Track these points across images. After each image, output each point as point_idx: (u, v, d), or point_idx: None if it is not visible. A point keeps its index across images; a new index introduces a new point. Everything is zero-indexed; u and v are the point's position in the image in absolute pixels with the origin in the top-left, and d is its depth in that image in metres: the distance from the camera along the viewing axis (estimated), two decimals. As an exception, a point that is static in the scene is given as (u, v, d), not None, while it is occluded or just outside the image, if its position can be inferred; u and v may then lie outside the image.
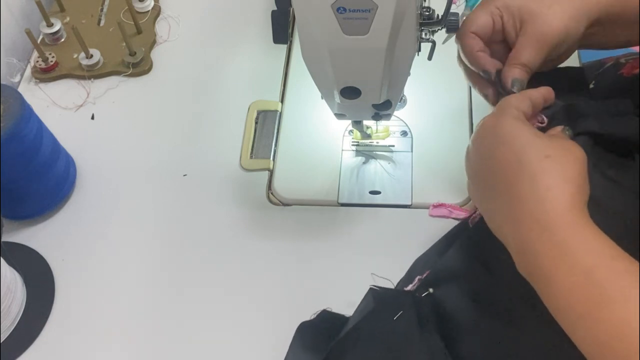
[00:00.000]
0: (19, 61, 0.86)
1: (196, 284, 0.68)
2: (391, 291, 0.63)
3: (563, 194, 0.44)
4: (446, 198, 0.70)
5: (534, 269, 0.45)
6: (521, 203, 0.46)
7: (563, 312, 0.43)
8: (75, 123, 0.81)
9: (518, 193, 0.46)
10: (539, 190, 0.45)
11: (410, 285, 0.64)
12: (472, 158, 0.53)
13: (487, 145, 0.50)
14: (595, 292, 0.41)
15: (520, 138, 0.48)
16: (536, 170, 0.46)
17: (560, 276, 0.42)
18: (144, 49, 0.85)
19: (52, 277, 0.69)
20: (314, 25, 0.49)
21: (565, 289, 0.42)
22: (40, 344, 0.66)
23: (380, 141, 0.75)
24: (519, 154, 0.47)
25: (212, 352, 0.64)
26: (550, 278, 0.43)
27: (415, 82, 0.71)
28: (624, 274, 0.41)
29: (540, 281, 0.44)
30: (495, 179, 0.49)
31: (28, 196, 0.71)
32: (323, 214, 0.72)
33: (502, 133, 0.49)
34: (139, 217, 0.73)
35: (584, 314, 0.41)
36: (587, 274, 0.41)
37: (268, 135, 0.78)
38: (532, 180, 0.45)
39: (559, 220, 0.44)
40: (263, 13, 0.88)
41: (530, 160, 0.46)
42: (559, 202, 0.44)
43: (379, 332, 0.57)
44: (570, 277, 0.42)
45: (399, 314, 0.57)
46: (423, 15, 0.55)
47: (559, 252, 0.43)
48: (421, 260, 0.66)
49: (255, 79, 0.83)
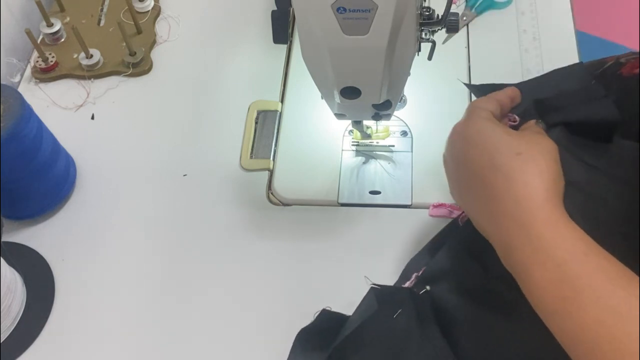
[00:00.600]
0: (19, 61, 0.86)
1: (196, 283, 0.68)
2: (390, 288, 0.63)
3: (538, 190, 0.45)
4: (446, 198, 0.70)
5: (514, 265, 0.46)
6: (498, 202, 0.47)
7: (539, 306, 0.44)
8: (75, 123, 0.81)
9: (494, 193, 0.47)
10: (514, 188, 0.46)
11: (408, 282, 0.64)
12: (448, 163, 0.55)
13: (460, 150, 0.52)
14: (567, 288, 0.42)
15: (491, 138, 0.49)
16: (509, 169, 0.47)
17: (535, 271, 0.44)
18: (144, 49, 0.85)
19: (52, 277, 0.69)
20: (314, 25, 0.49)
21: (540, 284, 0.43)
22: (40, 344, 0.66)
23: (380, 141, 0.75)
24: (491, 155, 0.48)
25: (211, 351, 0.64)
26: (527, 273, 0.44)
27: (415, 82, 0.71)
28: (596, 271, 0.42)
29: (519, 277, 0.46)
30: (471, 182, 0.50)
31: (28, 196, 0.71)
32: (323, 214, 0.72)
33: (472, 136, 0.50)
34: (139, 217, 0.73)
35: (557, 309, 0.42)
36: (559, 269, 0.42)
37: (268, 135, 0.78)
38: (506, 179, 0.46)
39: (535, 216, 0.45)
40: (263, 13, 0.88)
41: (502, 159, 0.47)
42: (535, 198, 0.45)
43: (381, 331, 0.58)
44: (543, 272, 0.43)
45: (398, 312, 0.58)
46: (423, 15, 0.55)
47: (534, 248, 0.44)
48: (415, 260, 0.66)
49: (255, 79, 0.83)
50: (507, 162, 0.47)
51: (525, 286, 0.45)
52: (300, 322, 0.64)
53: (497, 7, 0.86)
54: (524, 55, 0.81)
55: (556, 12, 0.84)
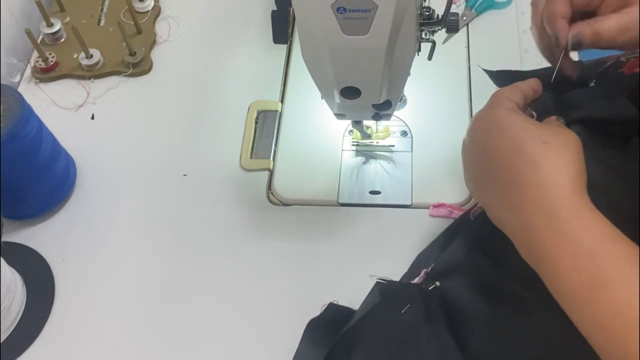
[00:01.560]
0: (19, 61, 0.86)
1: (196, 283, 0.68)
2: (397, 284, 0.63)
3: (564, 178, 0.45)
4: (446, 198, 0.70)
5: (537, 254, 0.45)
6: (523, 189, 0.46)
7: (565, 295, 0.43)
8: (75, 123, 0.81)
9: (519, 180, 0.46)
10: (540, 175, 0.45)
11: (417, 278, 0.64)
12: (469, 150, 0.53)
13: (484, 137, 0.50)
14: (597, 275, 0.41)
15: (518, 126, 0.48)
16: (536, 156, 0.46)
17: (563, 260, 0.43)
18: (144, 49, 0.85)
19: (52, 277, 0.69)
20: (314, 25, 0.49)
21: (568, 272, 0.43)
22: (40, 344, 0.66)
23: (380, 141, 0.75)
24: (517, 142, 0.47)
25: (211, 351, 0.64)
26: (553, 262, 0.44)
27: (415, 82, 0.71)
28: (624, 257, 0.41)
29: (543, 266, 0.45)
30: (493, 169, 0.49)
31: (28, 196, 0.71)
32: (323, 214, 0.72)
33: (498, 123, 0.49)
34: (139, 217, 0.73)
35: (585, 296, 0.42)
36: (589, 257, 0.42)
37: (268, 135, 0.78)
38: (533, 166, 0.46)
39: (561, 204, 0.44)
40: (263, 13, 0.88)
41: (530, 146, 0.47)
42: (561, 186, 0.45)
43: (386, 325, 0.58)
44: (572, 260, 0.42)
45: (406, 307, 0.57)
46: (423, 15, 0.55)
47: (562, 236, 0.43)
48: (424, 255, 0.66)
49: (255, 79, 0.83)
50: (534, 150, 0.46)
51: (550, 275, 0.44)
52: (300, 321, 0.64)
53: (497, 7, 0.86)
54: (524, 55, 0.81)
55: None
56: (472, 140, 0.52)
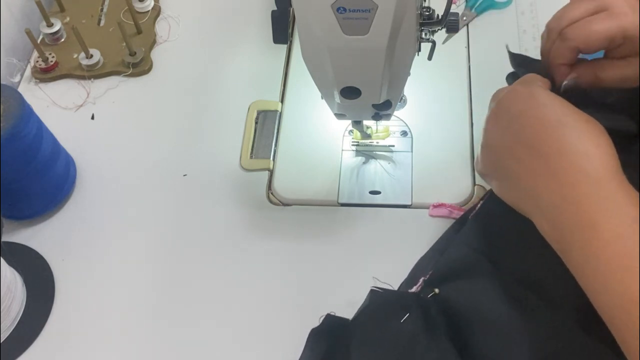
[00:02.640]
0: (19, 61, 0.86)
1: (196, 283, 0.68)
2: (394, 293, 0.63)
3: (609, 154, 0.46)
4: (446, 198, 0.70)
5: (575, 223, 0.45)
6: (564, 158, 0.46)
7: (607, 262, 0.42)
8: (75, 123, 0.81)
9: (564, 149, 0.46)
10: (587, 145, 0.46)
11: (415, 287, 0.63)
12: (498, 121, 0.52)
13: (522, 107, 0.50)
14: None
15: (560, 103, 0.48)
16: (582, 129, 0.47)
17: (607, 226, 0.43)
18: (144, 49, 0.85)
19: (52, 277, 0.69)
20: (314, 25, 0.49)
21: (613, 239, 0.42)
22: (40, 344, 0.66)
23: (380, 141, 0.75)
24: (561, 115, 0.47)
25: (211, 351, 0.64)
26: (597, 228, 0.43)
27: (415, 82, 0.71)
28: None
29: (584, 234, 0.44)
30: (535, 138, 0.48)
31: (28, 196, 0.71)
32: (323, 214, 0.72)
33: (541, 98, 0.49)
34: (139, 217, 0.73)
35: (628, 265, 0.41)
36: (634, 225, 0.42)
37: (268, 135, 0.78)
38: (579, 137, 0.46)
39: (608, 173, 0.45)
40: (263, 13, 0.88)
41: (574, 121, 0.47)
42: (607, 159, 0.45)
43: (384, 335, 0.57)
44: (618, 227, 0.43)
45: (405, 317, 0.57)
46: (423, 15, 0.55)
47: (608, 202, 0.44)
48: (423, 262, 0.66)
49: (255, 79, 0.83)
50: (579, 124, 0.47)
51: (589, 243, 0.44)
52: (300, 321, 0.64)
53: (497, 7, 0.86)
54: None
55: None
56: (508, 109, 0.51)
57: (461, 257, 0.60)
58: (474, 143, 0.75)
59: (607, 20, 0.51)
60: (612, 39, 0.51)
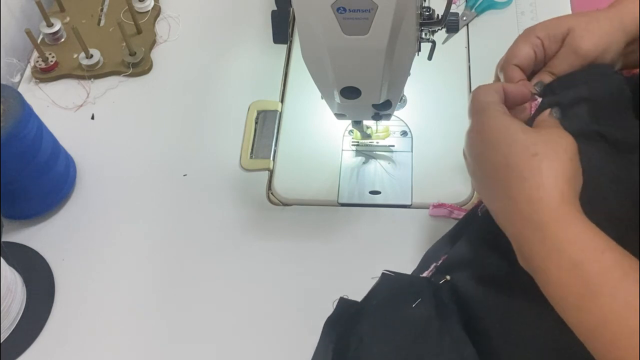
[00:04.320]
0: (19, 61, 0.86)
1: (196, 283, 0.68)
2: (406, 277, 0.63)
3: (552, 191, 0.46)
4: (446, 198, 0.70)
5: (530, 264, 0.47)
6: (513, 202, 0.47)
7: (557, 303, 0.45)
8: (75, 123, 0.81)
9: (510, 193, 0.48)
10: (528, 189, 0.46)
11: (426, 272, 0.64)
12: (467, 159, 0.54)
13: (476, 148, 0.52)
14: (584, 285, 0.43)
15: (506, 138, 0.49)
16: (523, 170, 0.47)
17: (552, 271, 0.44)
18: (144, 49, 0.85)
19: (52, 277, 0.69)
20: (314, 25, 0.49)
21: (557, 283, 0.44)
22: (40, 344, 0.66)
23: (380, 141, 0.75)
24: (506, 156, 0.48)
25: (211, 351, 0.64)
26: (543, 273, 0.45)
27: (415, 82, 0.71)
28: (613, 267, 0.42)
29: (536, 276, 0.46)
30: (488, 180, 0.51)
31: (28, 196, 0.71)
32: (323, 214, 0.72)
33: (488, 134, 0.50)
34: (139, 217, 0.73)
35: (575, 305, 0.43)
36: (576, 269, 0.43)
37: (268, 135, 0.78)
38: (520, 180, 0.47)
39: (549, 217, 0.45)
40: (263, 13, 0.88)
41: (518, 160, 0.47)
42: (549, 199, 0.46)
43: (397, 319, 0.58)
44: (560, 272, 0.44)
45: (417, 301, 0.58)
46: (423, 15, 0.55)
47: (550, 248, 0.45)
48: (433, 250, 0.66)
49: (255, 79, 0.83)
50: (522, 162, 0.47)
51: (542, 285, 0.46)
52: (300, 321, 0.64)
53: (497, 7, 0.86)
54: (524, 55, 0.81)
55: (556, 12, 0.84)
56: (468, 150, 0.54)
57: (471, 248, 0.61)
58: (474, 143, 0.75)
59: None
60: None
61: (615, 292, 0.41)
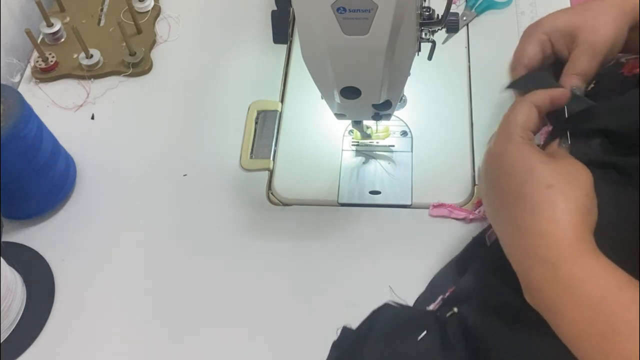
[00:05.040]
0: (19, 61, 0.86)
1: (196, 283, 0.68)
2: (412, 311, 0.62)
3: (566, 227, 0.43)
4: (446, 198, 0.70)
5: (540, 302, 0.44)
6: (524, 236, 0.45)
7: (572, 343, 0.42)
8: (75, 123, 0.81)
9: (522, 226, 0.45)
10: (540, 224, 0.44)
11: (433, 304, 0.63)
12: (482, 183, 0.53)
13: (493, 174, 0.50)
14: (603, 325, 0.40)
15: (523, 168, 0.47)
16: (537, 202, 0.45)
17: (567, 310, 0.42)
18: (144, 49, 0.85)
19: (52, 277, 0.69)
20: (314, 25, 0.49)
21: (573, 323, 0.42)
22: (40, 344, 0.66)
23: (380, 141, 0.75)
24: (520, 186, 0.46)
25: (211, 351, 0.64)
26: (557, 312, 0.43)
27: (415, 82, 0.71)
28: (633, 304, 0.40)
29: (547, 314, 0.44)
30: (501, 208, 0.48)
31: (28, 196, 0.71)
32: (323, 214, 0.72)
33: (506, 163, 0.48)
34: (139, 217, 0.73)
35: (592, 346, 0.41)
36: (594, 308, 0.41)
37: (268, 135, 0.78)
38: (533, 213, 0.45)
39: (562, 254, 0.43)
40: (263, 13, 0.88)
41: (532, 191, 0.45)
42: (562, 235, 0.43)
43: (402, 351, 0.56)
44: (576, 311, 0.41)
45: (423, 334, 0.56)
46: (423, 15, 0.55)
47: (564, 287, 0.42)
48: (440, 278, 0.65)
49: (255, 79, 0.83)
50: (535, 195, 0.45)
51: (555, 324, 0.43)
52: (300, 321, 0.64)
53: (497, 7, 0.86)
54: (524, 55, 0.81)
55: (556, 12, 0.85)
56: (484, 174, 0.52)
57: (480, 279, 0.59)
58: (474, 143, 0.75)
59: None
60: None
61: (634, 329, 0.39)
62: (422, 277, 0.65)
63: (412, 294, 0.64)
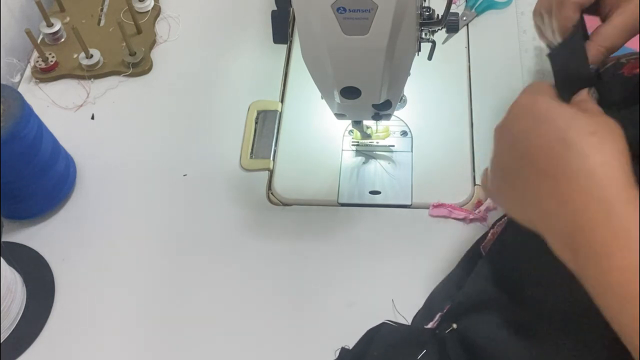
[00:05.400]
0: (19, 61, 0.86)
1: (196, 283, 0.68)
2: (409, 328, 0.62)
3: (617, 170, 0.42)
4: (446, 198, 0.70)
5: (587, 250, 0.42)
6: (573, 181, 0.43)
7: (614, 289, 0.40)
8: (75, 123, 0.81)
9: (568, 171, 0.43)
10: (591, 166, 0.43)
11: (431, 322, 0.62)
12: (504, 141, 0.50)
13: (525, 125, 0.47)
14: None
15: (563, 115, 0.45)
16: (584, 146, 0.43)
17: (618, 255, 0.40)
18: (144, 49, 0.85)
19: (52, 277, 0.69)
20: (314, 25, 0.49)
21: (623, 269, 0.40)
22: (40, 344, 0.66)
23: (380, 141, 0.75)
24: (563, 132, 0.44)
25: (211, 351, 0.64)
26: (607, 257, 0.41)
27: (415, 82, 0.71)
28: None
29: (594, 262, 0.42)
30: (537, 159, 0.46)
31: (28, 196, 0.71)
32: (323, 214, 0.72)
33: (542, 111, 0.46)
34: (139, 217, 0.73)
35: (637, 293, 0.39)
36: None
37: (268, 135, 0.78)
38: (581, 157, 0.43)
39: (616, 196, 0.41)
40: (263, 13, 0.88)
41: (577, 137, 0.44)
42: (615, 177, 0.42)
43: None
44: (628, 253, 0.40)
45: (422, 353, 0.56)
46: (423, 15, 0.55)
47: (617, 228, 0.41)
48: (438, 293, 0.64)
49: (255, 79, 0.83)
50: (582, 140, 0.43)
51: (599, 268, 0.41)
52: (299, 321, 0.64)
53: (497, 7, 0.86)
54: (524, 55, 0.81)
55: (556, 12, 0.84)
56: (511, 128, 0.49)
57: (478, 291, 0.58)
58: (474, 143, 0.75)
59: None
60: None
61: None
62: (423, 277, 0.65)
63: (412, 295, 0.64)
